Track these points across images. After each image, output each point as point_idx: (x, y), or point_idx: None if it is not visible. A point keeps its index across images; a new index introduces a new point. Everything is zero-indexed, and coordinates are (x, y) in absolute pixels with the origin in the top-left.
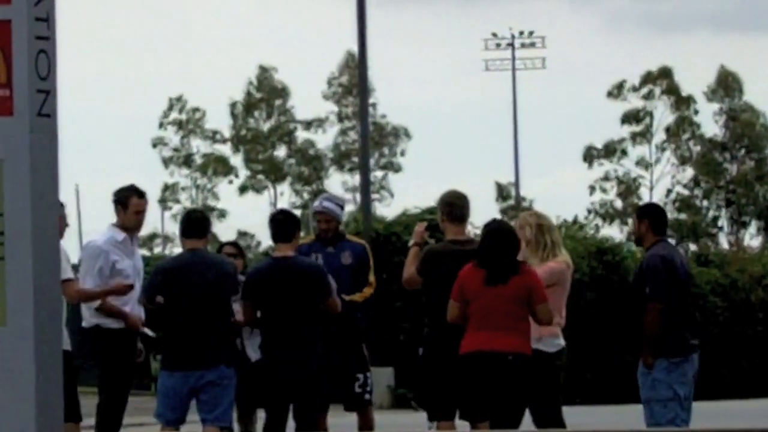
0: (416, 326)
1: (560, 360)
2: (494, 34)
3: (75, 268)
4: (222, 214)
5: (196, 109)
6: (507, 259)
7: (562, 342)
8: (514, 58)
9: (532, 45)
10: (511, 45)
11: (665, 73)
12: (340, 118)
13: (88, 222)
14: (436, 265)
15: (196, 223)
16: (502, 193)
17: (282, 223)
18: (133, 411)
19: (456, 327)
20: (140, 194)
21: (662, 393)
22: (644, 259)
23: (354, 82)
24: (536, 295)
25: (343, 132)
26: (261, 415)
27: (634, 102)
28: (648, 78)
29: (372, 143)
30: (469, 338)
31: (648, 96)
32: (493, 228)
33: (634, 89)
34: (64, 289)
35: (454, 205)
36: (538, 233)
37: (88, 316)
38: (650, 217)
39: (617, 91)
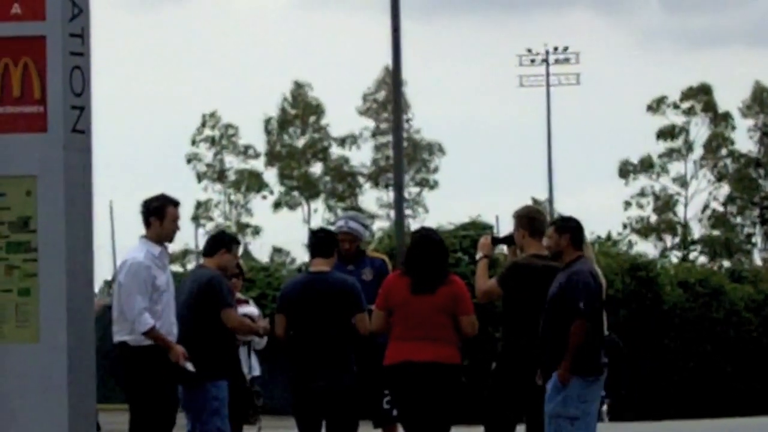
0: None
1: None
2: (529, 50)
3: (108, 284)
4: (256, 230)
5: (229, 125)
6: (434, 268)
7: None
8: (548, 74)
9: (567, 61)
10: (546, 61)
11: (704, 90)
12: (375, 133)
13: (122, 238)
14: (521, 279)
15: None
16: None
17: (323, 240)
18: None
19: (532, 345)
20: (175, 203)
21: (571, 411)
22: (572, 275)
23: (390, 97)
24: (461, 305)
25: (378, 148)
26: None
27: (672, 117)
28: (689, 94)
29: (406, 159)
30: (396, 348)
31: (688, 112)
32: (420, 236)
33: (675, 106)
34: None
35: (536, 220)
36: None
37: (122, 332)
38: (571, 231)
39: (656, 105)
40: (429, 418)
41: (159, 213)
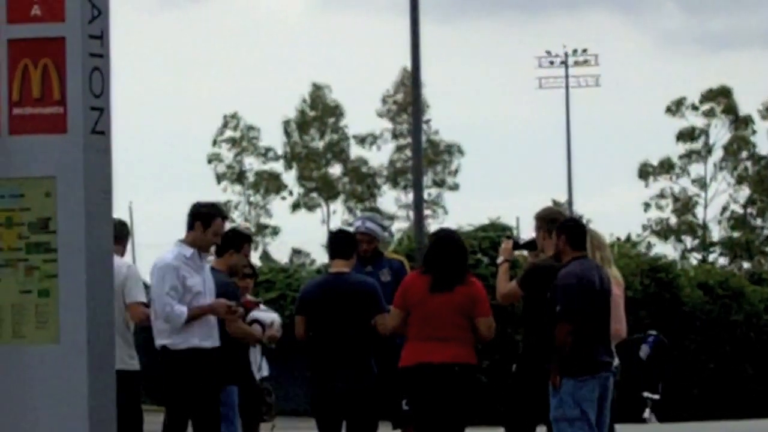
0: None
1: (615, 378)
2: (548, 52)
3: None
4: (275, 231)
5: (250, 127)
6: (454, 267)
7: (616, 360)
8: (567, 76)
9: (586, 63)
10: (565, 63)
11: (724, 92)
12: (395, 135)
13: (141, 238)
14: (541, 280)
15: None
16: None
17: (342, 241)
18: None
19: (551, 347)
20: (224, 216)
21: (569, 412)
22: (559, 277)
23: (409, 99)
24: (479, 307)
25: (398, 149)
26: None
27: (692, 119)
28: (708, 96)
29: (426, 160)
30: (412, 349)
31: (708, 114)
32: (440, 236)
33: (694, 107)
34: (133, 311)
35: (557, 222)
36: (589, 249)
37: (161, 337)
38: (567, 232)
39: (676, 107)
40: (444, 418)
41: (206, 220)
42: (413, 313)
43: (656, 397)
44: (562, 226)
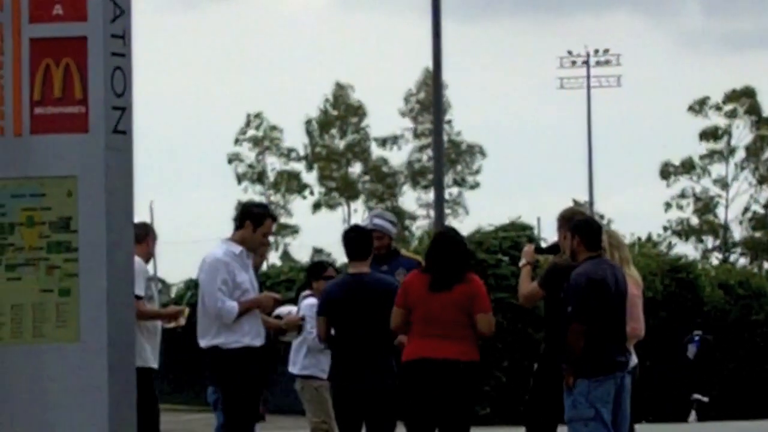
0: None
1: (634, 377)
2: (569, 52)
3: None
4: (295, 230)
5: (273, 127)
6: (452, 266)
7: (635, 359)
8: (589, 76)
9: (607, 63)
10: (586, 63)
11: (747, 93)
12: (416, 134)
13: (161, 237)
14: (562, 280)
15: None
16: None
17: (356, 241)
18: None
19: (564, 347)
20: (274, 218)
21: (583, 412)
22: (570, 277)
23: (431, 99)
24: (478, 303)
25: (420, 149)
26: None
27: (715, 119)
28: (731, 96)
29: (447, 160)
30: (415, 345)
31: (731, 115)
32: (440, 235)
33: (717, 108)
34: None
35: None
36: (610, 249)
37: (210, 336)
38: (581, 232)
39: (699, 107)
40: (450, 415)
41: (257, 220)
42: (414, 312)
43: (705, 399)
44: (575, 226)
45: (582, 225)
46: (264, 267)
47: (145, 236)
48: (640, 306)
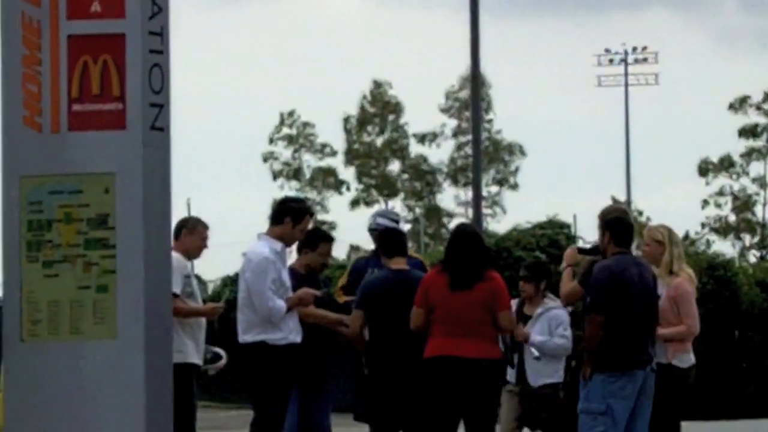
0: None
1: (691, 376)
2: (607, 50)
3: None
4: (332, 227)
5: (306, 124)
6: (472, 264)
7: (693, 358)
8: (627, 74)
9: (645, 60)
10: (624, 61)
11: None
12: (456, 132)
13: None
14: None
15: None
16: None
17: (397, 239)
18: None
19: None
20: (312, 213)
21: (594, 406)
22: (593, 270)
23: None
24: (499, 301)
25: (459, 147)
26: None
27: (754, 117)
28: None
29: (487, 159)
30: (439, 342)
31: None
32: (458, 233)
33: (758, 107)
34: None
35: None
36: (669, 245)
37: (254, 332)
38: (611, 228)
39: (739, 104)
40: (473, 414)
41: (297, 216)
42: (436, 311)
43: None
44: (606, 222)
45: (613, 222)
46: None
47: (180, 232)
48: (694, 303)
